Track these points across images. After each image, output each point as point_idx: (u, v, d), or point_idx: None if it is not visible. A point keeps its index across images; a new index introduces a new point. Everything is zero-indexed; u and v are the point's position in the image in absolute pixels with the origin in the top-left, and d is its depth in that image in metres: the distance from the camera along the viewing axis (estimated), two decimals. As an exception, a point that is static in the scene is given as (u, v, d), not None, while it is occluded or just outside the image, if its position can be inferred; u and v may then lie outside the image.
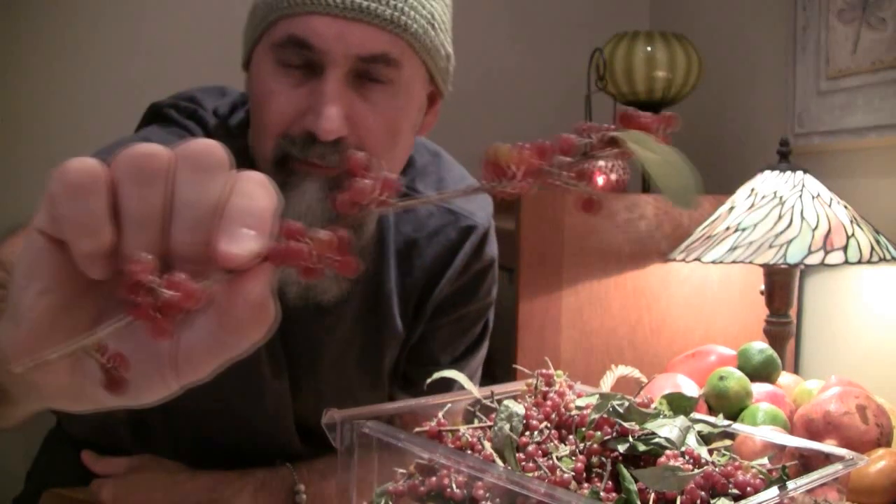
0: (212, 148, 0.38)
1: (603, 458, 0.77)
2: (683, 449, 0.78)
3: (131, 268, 0.35)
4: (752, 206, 1.32)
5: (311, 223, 0.41)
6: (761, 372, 1.22)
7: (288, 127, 0.83)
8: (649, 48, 1.66)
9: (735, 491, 0.75)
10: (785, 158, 1.37)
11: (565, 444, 0.81)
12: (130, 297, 0.34)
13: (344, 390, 1.05)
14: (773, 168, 1.36)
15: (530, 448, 0.79)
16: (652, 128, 0.41)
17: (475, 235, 1.01)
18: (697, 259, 1.31)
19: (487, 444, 0.82)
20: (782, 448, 0.86)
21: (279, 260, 0.36)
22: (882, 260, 1.26)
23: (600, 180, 1.51)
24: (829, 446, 0.87)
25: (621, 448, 0.78)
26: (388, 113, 0.85)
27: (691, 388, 1.18)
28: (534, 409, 0.86)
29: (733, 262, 1.27)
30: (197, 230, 0.37)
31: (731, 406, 1.14)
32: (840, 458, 0.80)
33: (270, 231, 0.37)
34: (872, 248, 1.26)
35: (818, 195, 1.31)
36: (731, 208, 1.35)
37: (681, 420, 0.82)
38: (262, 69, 0.85)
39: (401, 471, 0.83)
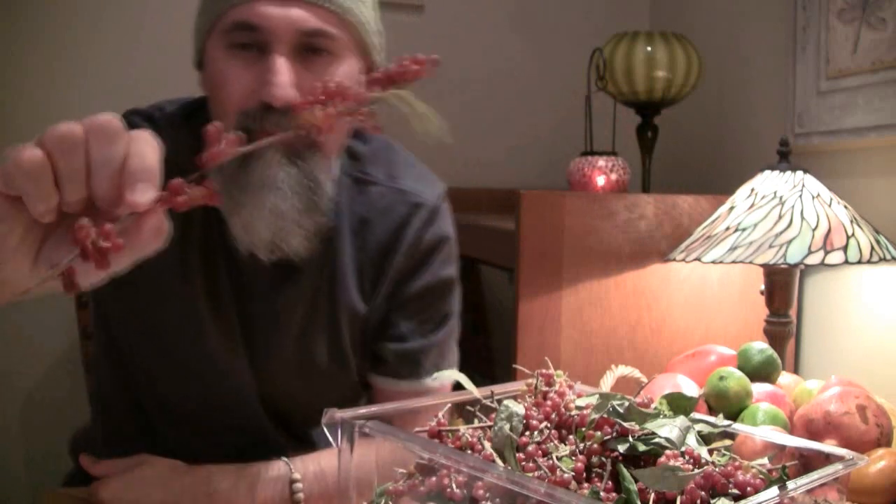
0: (110, 120, 0.55)
1: (603, 458, 0.77)
2: (683, 449, 0.78)
3: (78, 230, 0.52)
4: (752, 206, 1.32)
5: (278, 186, 0.74)
6: (761, 372, 1.22)
7: (244, 103, 0.91)
8: (649, 48, 1.66)
9: (735, 491, 0.74)
10: (785, 158, 1.37)
11: (565, 444, 0.81)
12: (79, 246, 0.52)
13: (307, 369, 1.08)
14: (773, 168, 1.36)
15: (530, 448, 0.79)
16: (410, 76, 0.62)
17: (424, 210, 1.08)
18: (697, 259, 1.31)
19: (487, 444, 0.82)
20: (782, 448, 0.86)
21: (167, 204, 0.56)
22: (882, 260, 1.26)
23: (600, 180, 1.51)
24: (829, 446, 0.87)
25: (621, 448, 0.78)
26: (331, 77, 0.92)
27: (691, 388, 1.18)
28: (534, 409, 0.86)
29: (733, 262, 1.27)
30: (109, 183, 0.54)
31: (731, 406, 1.13)
32: (840, 458, 0.80)
33: (159, 179, 0.55)
34: (872, 248, 1.26)
35: (818, 195, 1.31)
36: (731, 208, 1.35)
37: (681, 420, 0.82)
38: (216, 56, 0.94)
39: (401, 471, 0.83)
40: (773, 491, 0.72)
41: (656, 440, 0.79)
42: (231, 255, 1.01)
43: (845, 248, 1.24)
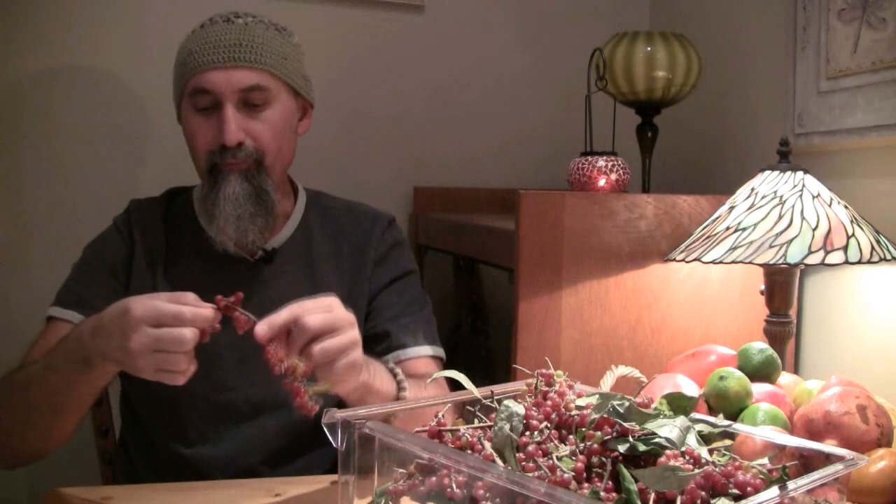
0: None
1: (603, 458, 0.77)
2: (683, 449, 0.78)
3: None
4: (752, 206, 1.32)
5: (236, 199, 1.24)
6: (761, 372, 1.22)
7: (209, 146, 1.27)
8: (649, 48, 1.66)
9: (735, 491, 0.75)
10: (785, 158, 1.36)
11: (565, 444, 0.81)
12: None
13: None
14: (773, 168, 1.36)
15: (530, 448, 0.79)
16: None
17: (382, 220, 1.43)
18: (697, 259, 1.31)
19: (487, 444, 0.82)
20: (782, 448, 0.86)
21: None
22: (882, 260, 1.26)
23: (601, 180, 1.51)
24: (829, 446, 0.87)
25: (621, 448, 0.78)
26: (269, 120, 1.27)
27: (691, 388, 1.18)
28: (534, 409, 0.86)
29: (733, 262, 1.27)
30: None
31: (731, 406, 1.13)
32: (840, 458, 0.80)
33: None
34: (873, 248, 1.26)
35: (818, 195, 1.31)
36: (731, 208, 1.35)
37: (681, 420, 0.82)
38: (187, 116, 1.29)
39: (401, 471, 0.83)
40: (774, 491, 0.72)
41: (656, 440, 0.79)
42: (210, 256, 1.31)
43: (845, 248, 1.24)
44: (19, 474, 1.85)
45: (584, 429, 0.83)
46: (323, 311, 0.98)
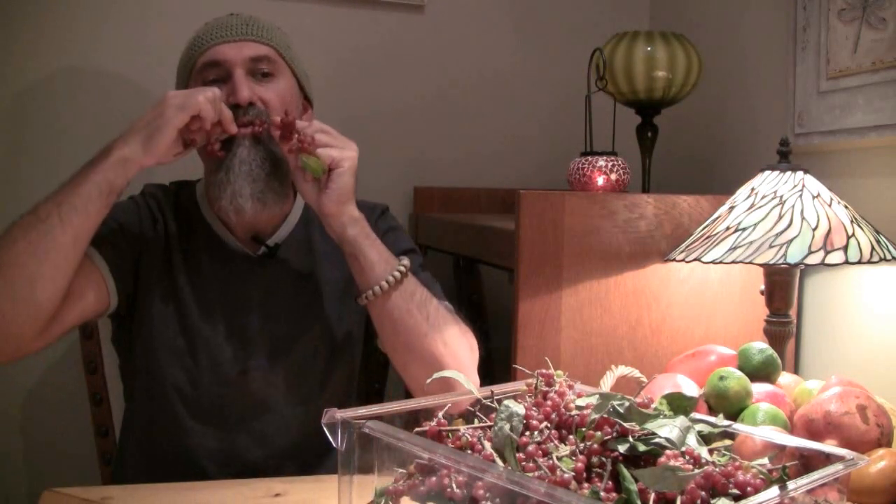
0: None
1: (603, 458, 0.77)
2: (683, 449, 0.78)
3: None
4: (752, 206, 1.32)
5: (252, 161, 1.28)
6: (761, 372, 1.22)
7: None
8: (649, 48, 1.66)
9: (735, 491, 0.75)
10: (785, 158, 1.36)
11: (565, 444, 0.81)
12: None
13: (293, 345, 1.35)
14: (773, 168, 1.36)
15: (530, 448, 0.79)
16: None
17: (376, 210, 1.46)
18: (697, 259, 1.31)
19: (487, 444, 0.82)
20: (782, 448, 0.86)
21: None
22: (882, 260, 1.26)
23: (600, 180, 1.51)
24: (829, 446, 0.87)
25: (621, 448, 0.78)
26: (276, 89, 1.31)
27: (691, 388, 1.18)
28: (534, 409, 0.86)
29: (733, 262, 1.27)
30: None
31: (731, 406, 1.13)
32: (840, 459, 0.80)
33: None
34: (873, 248, 1.26)
35: (818, 195, 1.31)
36: (731, 208, 1.35)
37: (681, 420, 0.82)
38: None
39: (401, 471, 0.83)
40: (774, 491, 0.72)
41: (656, 440, 0.79)
42: (214, 251, 1.34)
43: (845, 248, 1.24)
44: (19, 474, 1.85)
45: (584, 429, 0.83)
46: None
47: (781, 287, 1.34)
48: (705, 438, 0.84)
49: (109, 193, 1.16)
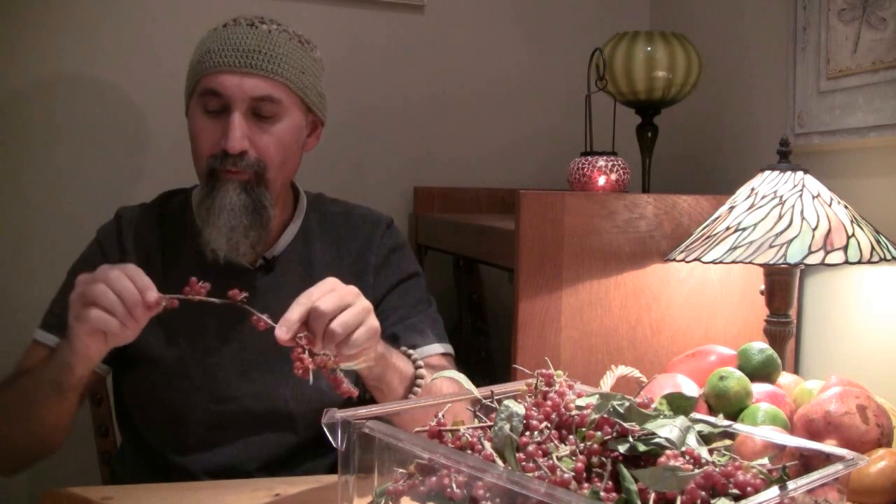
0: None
1: (603, 458, 0.77)
2: (683, 449, 0.78)
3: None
4: (752, 206, 1.32)
5: (232, 209, 1.20)
6: (761, 372, 1.22)
7: (211, 150, 1.23)
8: (649, 48, 1.66)
9: (735, 491, 0.74)
10: (785, 158, 1.36)
11: (565, 444, 0.81)
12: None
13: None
14: (773, 168, 1.36)
15: (530, 448, 0.79)
16: None
17: (381, 224, 1.41)
18: (697, 259, 1.31)
19: (487, 444, 0.81)
20: (782, 448, 0.86)
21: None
22: (882, 260, 1.26)
23: (601, 180, 1.51)
24: (829, 446, 0.87)
25: (621, 448, 0.78)
26: (276, 134, 1.24)
27: (691, 388, 1.18)
28: (534, 409, 0.86)
29: (733, 262, 1.27)
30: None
31: (731, 406, 1.13)
32: (840, 459, 0.80)
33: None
34: (873, 248, 1.26)
35: (818, 195, 1.31)
36: (731, 208, 1.35)
37: (681, 420, 0.82)
38: (193, 114, 1.26)
39: (401, 471, 0.83)
40: (774, 491, 0.72)
41: (656, 440, 0.79)
42: (209, 263, 1.26)
43: (845, 248, 1.24)
44: (19, 474, 1.85)
45: (584, 429, 0.83)
46: (329, 292, 0.99)
47: (781, 287, 1.34)
48: (705, 438, 0.84)
49: (68, 389, 1.08)
